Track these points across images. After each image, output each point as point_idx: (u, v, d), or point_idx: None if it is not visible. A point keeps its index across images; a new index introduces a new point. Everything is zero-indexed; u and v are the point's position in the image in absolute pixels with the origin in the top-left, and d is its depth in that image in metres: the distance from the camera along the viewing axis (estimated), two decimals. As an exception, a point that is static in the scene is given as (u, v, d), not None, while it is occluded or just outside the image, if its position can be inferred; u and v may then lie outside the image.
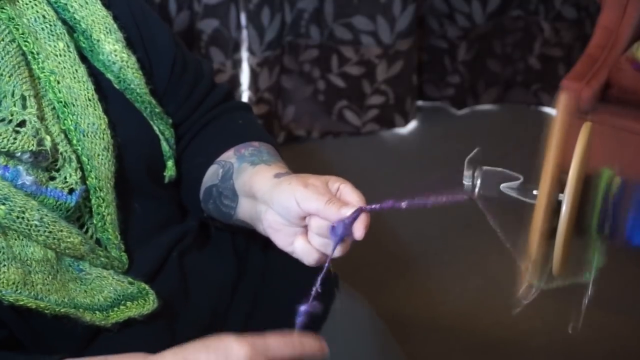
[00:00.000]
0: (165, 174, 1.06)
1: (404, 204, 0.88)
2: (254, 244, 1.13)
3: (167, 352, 0.85)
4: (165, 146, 1.05)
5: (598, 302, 0.87)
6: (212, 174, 1.06)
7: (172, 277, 1.02)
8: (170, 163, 1.06)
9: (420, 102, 2.85)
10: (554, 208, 0.81)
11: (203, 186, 1.06)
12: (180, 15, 2.39)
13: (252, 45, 2.49)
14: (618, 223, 0.82)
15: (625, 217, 0.82)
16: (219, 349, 0.82)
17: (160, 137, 1.04)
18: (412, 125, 2.79)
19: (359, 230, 0.87)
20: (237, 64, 2.52)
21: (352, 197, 0.90)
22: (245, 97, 2.57)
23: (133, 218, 1.00)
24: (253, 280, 1.11)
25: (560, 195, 0.80)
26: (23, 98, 0.91)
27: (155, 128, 1.04)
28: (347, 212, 0.87)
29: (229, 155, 1.06)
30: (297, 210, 0.89)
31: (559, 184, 0.80)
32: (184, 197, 1.10)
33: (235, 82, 2.52)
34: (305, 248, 0.91)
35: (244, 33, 2.48)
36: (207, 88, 1.13)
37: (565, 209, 0.80)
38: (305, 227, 0.91)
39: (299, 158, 2.58)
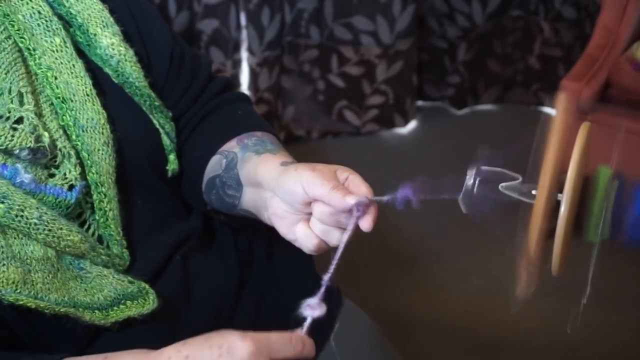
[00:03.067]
0: (167, 167, 1.05)
1: (411, 195, 0.88)
2: (257, 246, 1.13)
3: (168, 349, 0.84)
4: (166, 140, 1.04)
5: (598, 302, 0.87)
6: (214, 164, 1.05)
7: (174, 279, 1.01)
8: (172, 157, 1.05)
9: (420, 102, 2.85)
10: (553, 208, 0.81)
11: (205, 177, 1.06)
12: (180, 15, 2.39)
13: (252, 45, 2.49)
14: (617, 223, 0.82)
15: (625, 216, 0.82)
16: (222, 346, 0.81)
17: (161, 130, 1.04)
18: (412, 125, 2.79)
19: (366, 222, 0.87)
20: (237, 64, 2.52)
21: (360, 188, 0.89)
22: (245, 97, 2.57)
23: (135, 214, 0.99)
24: (257, 283, 1.10)
25: (559, 195, 0.80)
26: (20, 95, 0.90)
27: (155, 122, 1.03)
28: (351, 200, 0.86)
29: (232, 145, 1.05)
30: (303, 195, 0.89)
31: (558, 184, 0.80)
32: (185, 191, 1.10)
33: (235, 82, 2.52)
34: (306, 233, 0.91)
35: (244, 33, 2.49)
36: (206, 80, 1.13)
37: (564, 209, 0.80)
38: (309, 215, 0.91)
39: (299, 158, 2.56)
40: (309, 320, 0.86)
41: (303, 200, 0.89)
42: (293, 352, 0.84)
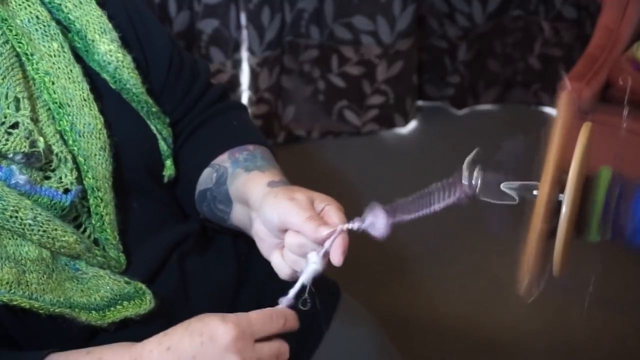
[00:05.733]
0: (164, 173, 1.06)
1: (384, 218, 0.87)
2: (256, 248, 1.13)
3: (150, 341, 0.85)
4: (163, 145, 1.05)
5: (598, 302, 0.87)
6: (206, 178, 1.05)
7: (172, 279, 1.02)
8: (169, 162, 1.06)
9: (420, 102, 2.85)
10: (554, 208, 0.80)
11: (197, 188, 1.06)
12: (180, 15, 2.39)
13: (252, 45, 2.49)
14: (618, 223, 0.82)
15: (626, 217, 0.82)
16: (204, 334, 0.82)
17: (158, 136, 1.04)
18: (412, 125, 2.79)
19: (336, 255, 0.86)
20: (237, 64, 2.52)
21: (334, 218, 0.88)
22: (245, 97, 2.57)
23: (132, 218, 1.00)
24: (256, 284, 1.10)
25: (561, 195, 0.80)
26: (16, 100, 0.90)
27: (152, 127, 1.04)
28: (324, 231, 0.86)
29: (223, 159, 1.05)
30: (277, 223, 0.89)
31: (559, 184, 0.80)
32: (179, 197, 1.10)
33: (235, 82, 2.52)
34: (280, 263, 0.92)
35: (244, 33, 2.48)
36: (203, 87, 1.13)
37: (565, 209, 0.79)
38: None
39: (299, 158, 2.57)
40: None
41: (278, 228, 0.90)
42: (276, 328, 0.84)
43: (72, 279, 0.92)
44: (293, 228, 0.88)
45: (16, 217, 0.86)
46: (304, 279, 0.87)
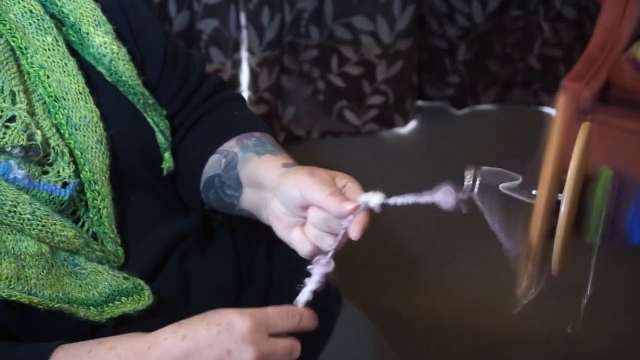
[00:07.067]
0: (163, 166, 1.05)
1: (405, 200, 0.88)
2: (257, 247, 1.13)
3: (164, 330, 0.85)
4: (160, 138, 1.04)
5: (598, 302, 0.87)
6: (213, 164, 1.05)
7: (172, 277, 1.01)
8: (167, 155, 1.05)
9: (420, 102, 2.85)
10: (553, 208, 0.81)
11: (204, 176, 1.06)
12: (180, 15, 2.39)
13: (252, 45, 2.49)
14: (617, 223, 0.82)
15: (625, 216, 0.82)
16: (221, 324, 0.83)
17: (155, 128, 1.03)
18: (412, 125, 2.79)
19: (354, 230, 0.87)
20: (236, 64, 2.52)
21: (357, 196, 0.89)
22: (245, 97, 2.57)
23: (130, 211, 0.99)
24: (258, 285, 1.10)
25: (560, 195, 0.80)
26: (12, 93, 0.90)
27: (149, 120, 1.03)
28: (348, 207, 0.86)
29: (231, 145, 1.05)
30: (300, 199, 0.89)
31: (558, 184, 0.80)
32: (181, 190, 1.09)
33: (235, 82, 2.52)
34: (301, 238, 0.91)
35: (244, 33, 2.48)
36: (199, 79, 1.12)
37: (564, 209, 0.80)
38: (305, 219, 0.91)
39: (299, 158, 2.56)
40: (314, 278, 0.88)
41: (300, 204, 0.89)
42: (290, 325, 0.85)
43: (71, 275, 0.92)
44: (315, 204, 0.88)
45: (15, 211, 0.86)
46: (340, 237, 0.88)
